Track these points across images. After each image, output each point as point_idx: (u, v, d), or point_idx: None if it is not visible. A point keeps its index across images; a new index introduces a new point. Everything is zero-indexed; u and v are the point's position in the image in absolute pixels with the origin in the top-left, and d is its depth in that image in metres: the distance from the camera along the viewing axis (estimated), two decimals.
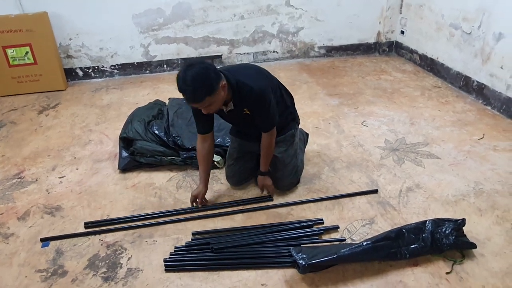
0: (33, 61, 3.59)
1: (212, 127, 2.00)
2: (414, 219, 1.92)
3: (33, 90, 3.69)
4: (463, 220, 1.75)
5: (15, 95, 3.66)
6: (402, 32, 4.26)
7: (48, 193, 2.26)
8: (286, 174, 2.11)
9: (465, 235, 1.74)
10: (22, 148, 2.75)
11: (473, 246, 1.70)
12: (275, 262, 1.69)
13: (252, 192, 2.18)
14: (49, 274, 1.71)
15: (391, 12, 4.22)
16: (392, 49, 4.46)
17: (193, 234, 1.89)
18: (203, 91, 1.59)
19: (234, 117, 1.97)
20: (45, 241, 1.90)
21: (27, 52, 3.55)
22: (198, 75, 1.58)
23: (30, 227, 2.00)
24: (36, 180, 2.39)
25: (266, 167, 2.06)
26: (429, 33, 3.77)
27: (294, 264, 1.63)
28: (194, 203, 2.08)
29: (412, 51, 4.12)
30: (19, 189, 2.30)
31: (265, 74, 1.94)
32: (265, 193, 2.14)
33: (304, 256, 1.58)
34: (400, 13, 4.23)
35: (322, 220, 1.94)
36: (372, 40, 4.42)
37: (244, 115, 1.91)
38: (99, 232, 1.94)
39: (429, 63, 3.85)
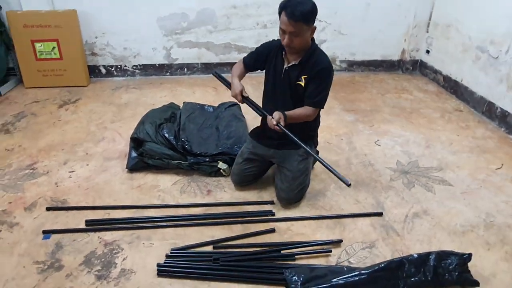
0: (59, 56, 3.71)
1: (255, 68, 2.12)
2: (417, 246, 1.85)
3: (57, 84, 3.80)
4: (470, 255, 1.67)
5: (39, 87, 3.79)
6: (428, 52, 4.16)
7: (57, 186, 2.32)
8: (292, 188, 2.08)
9: (469, 271, 1.65)
10: (39, 140, 2.83)
11: (476, 284, 1.62)
12: (268, 278, 1.66)
13: (255, 205, 2.16)
14: (46, 266, 1.74)
15: (417, 30, 4.13)
16: (416, 68, 4.36)
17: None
18: (306, 14, 1.75)
19: (283, 83, 2.00)
20: (47, 233, 1.94)
21: (54, 47, 3.67)
22: (313, 4, 1.81)
23: (35, 218, 2.05)
24: (47, 172, 2.45)
25: (289, 118, 1.87)
26: (455, 54, 3.66)
27: (286, 284, 1.59)
28: (237, 97, 1.96)
29: (436, 71, 4.02)
30: (30, 180, 2.37)
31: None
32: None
33: (297, 280, 1.55)
34: (427, 32, 4.13)
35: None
36: (396, 57, 4.34)
37: (295, 85, 1.96)
38: (99, 230, 1.96)
39: (452, 85, 3.73)
